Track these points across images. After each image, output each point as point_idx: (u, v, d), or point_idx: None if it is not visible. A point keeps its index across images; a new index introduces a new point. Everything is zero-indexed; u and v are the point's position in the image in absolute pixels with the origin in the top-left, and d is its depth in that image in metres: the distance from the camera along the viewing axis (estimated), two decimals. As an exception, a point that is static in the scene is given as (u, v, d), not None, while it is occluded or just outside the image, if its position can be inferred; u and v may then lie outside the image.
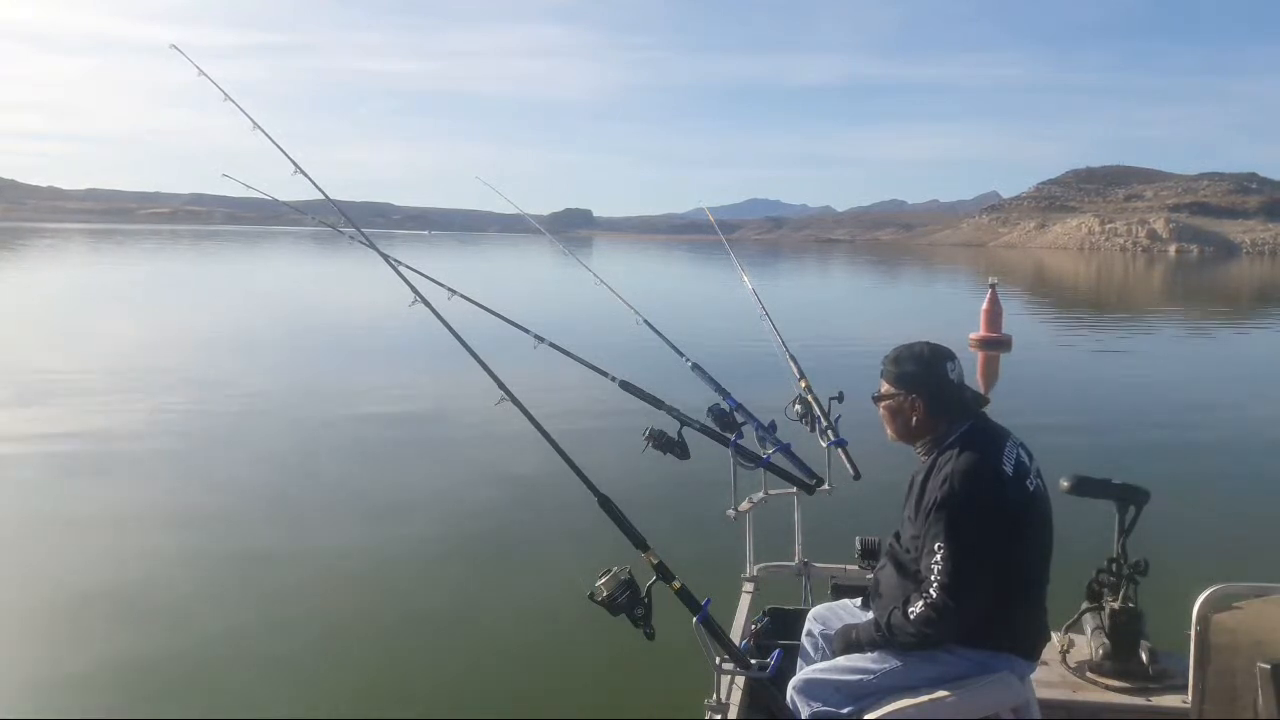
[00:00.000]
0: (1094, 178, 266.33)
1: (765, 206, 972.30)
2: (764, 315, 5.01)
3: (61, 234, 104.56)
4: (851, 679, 2.70)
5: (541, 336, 4.22)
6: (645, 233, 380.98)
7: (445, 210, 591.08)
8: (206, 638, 5.19)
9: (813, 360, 4.97)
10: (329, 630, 5.34)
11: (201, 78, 4.01)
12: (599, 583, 2.54)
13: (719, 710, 2.82)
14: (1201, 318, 30.43)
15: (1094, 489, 3.39)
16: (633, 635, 2.55)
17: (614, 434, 8.27)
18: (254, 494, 7.96)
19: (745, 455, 3.74)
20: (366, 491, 8.02)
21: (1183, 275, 69.85)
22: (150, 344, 17.48)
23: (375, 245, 3.88)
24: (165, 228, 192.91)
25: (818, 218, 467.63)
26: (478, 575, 6.24)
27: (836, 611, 3.07)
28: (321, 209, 4.48)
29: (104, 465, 8.81)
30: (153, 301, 27.87)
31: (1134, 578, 3.37)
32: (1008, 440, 2.70)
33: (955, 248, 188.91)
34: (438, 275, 4.03)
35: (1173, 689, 3.15)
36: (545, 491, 7.36)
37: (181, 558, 6.41)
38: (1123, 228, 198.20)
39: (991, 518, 2.56)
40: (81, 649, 5.04)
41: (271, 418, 11.05)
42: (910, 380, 2.78)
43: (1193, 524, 7.02)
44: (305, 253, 66.98)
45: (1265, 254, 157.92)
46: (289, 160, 3.85)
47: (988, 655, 2.62)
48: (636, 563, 2.63)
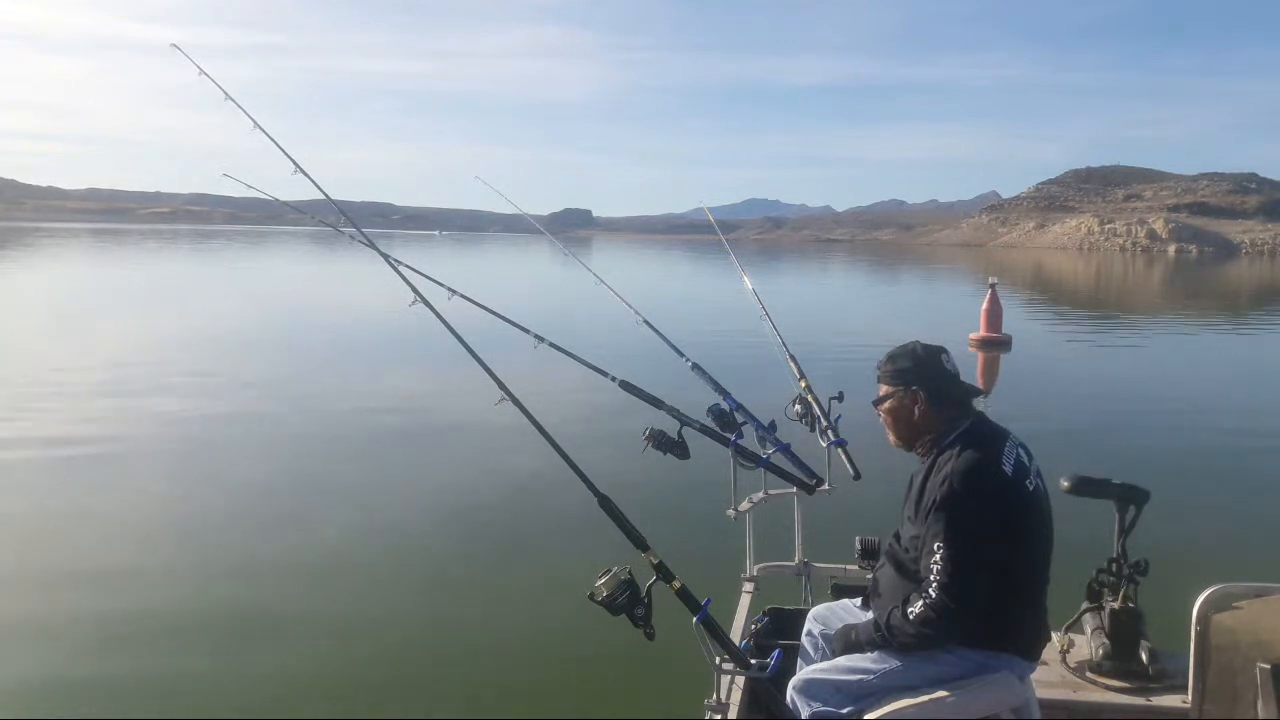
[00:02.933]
0: (1093, 178, 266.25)
1: (764, 206, 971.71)
2: (764, 315, 5.01)
3: (62, 234, 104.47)
4: (851, 679, 2.70)
5: (541, 336, 4.22)
6: (645, 233, 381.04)
7: (445, 210, 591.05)
8: (206, 636, 5.19)
9: (813, 360, 4.97)
10: (329, 630, 5.33)
11: (202, 78, 4.01)
12: (599, 583, 2.54)
13: (719, 710, 2.82)
14: (1201, 318, 30.43)
15: (1094, 489, 3.39)
16: (633, 635, 2.55)
17: (614, 434, 8.26)
18: (253, 493, 7.96)
19: (745, 455, 3.74)
20: (366, 491, 8.03)
21: (1182, 275, 69.85)
22: (149, 343, 17.45)
23: (375, 245, 3.88)
24: (166, 227, 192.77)
25: (817, 218, 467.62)
26: (477, 575, 6.24)
27: (836, 611, 3.07)
28: (322, 209, 4.48)
29: (103, 465, 8.80)
30: (153, 301, 27.87)
31: (1134, 578, 3.37)
32: (1007, 440, 2.71)
33: (955, 248, 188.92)
34: (438, 275, 4.04)
35: (1173, 689, 3.15)
36: (545, 491, 7.36)
37: (181, 554, 6.42)
38: (1122, 228, 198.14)
39: (991, 518, 2.56)
40: (82, 647, 5.04)
41: (270, 417, 11.05)
42: (908, 374, 2.80)
43: (1193, 524, 7.01)
44: (306, 253, 66.98)
45: (1264, 254, 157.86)
46: (289, 160, 3.85)
47: (987, 655, 2.62)
48: (636, 563, 2.63)
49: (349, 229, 4.21)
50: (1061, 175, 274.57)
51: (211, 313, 24.34)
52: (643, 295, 5.74)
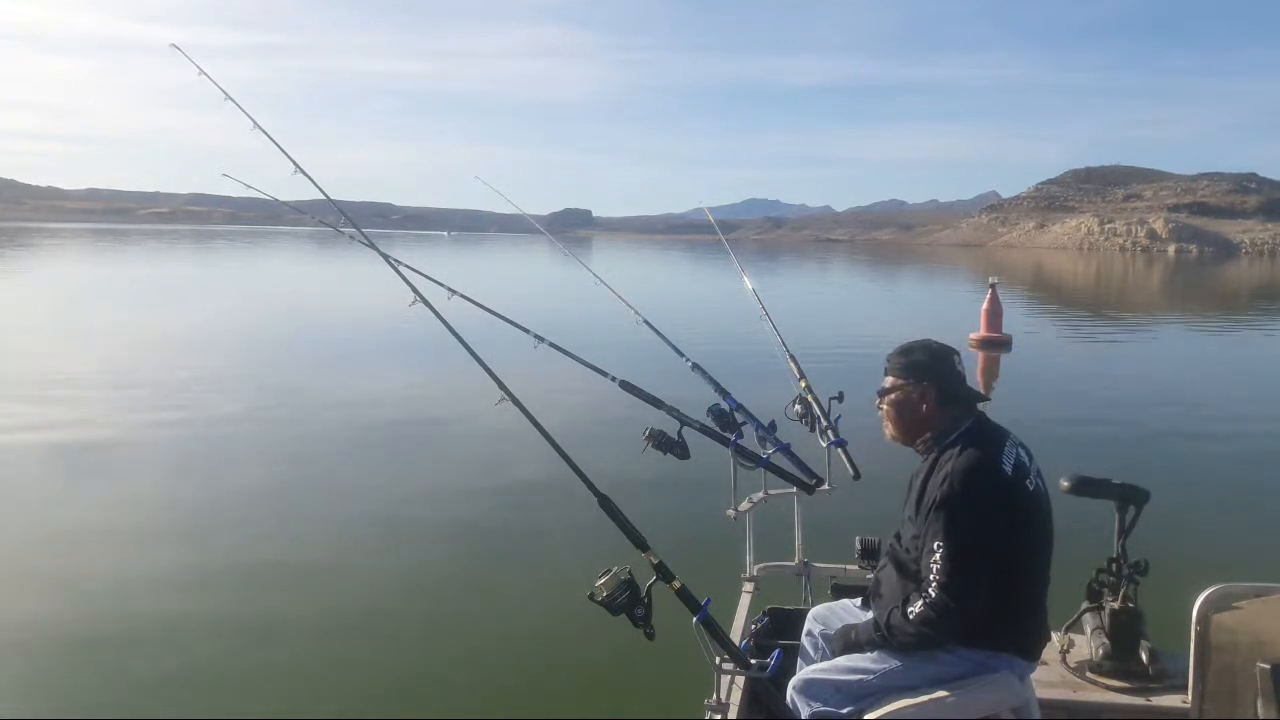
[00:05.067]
0: (1093, 178, 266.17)
1: (764, 206, 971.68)
2: (764, 315, 5.01)
3: (64, 234, 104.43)
4: (851, 679, 2.70)
5: (541, 336, 4.22)
6: (644, 232, 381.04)
7: (445, 210, 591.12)
8: (206, 635, 5.19)
9: (813, 360, 4.97)
10: (329, 630, 5.34)
11: (202, 78, 4.01)
12: (599, 583, 2.54)
13: (719, 710, 2.82)
14: (1201, 318, 30.44)
15: (1094, 489, 3.39)
16: (633, 635, 2.55)
17: (614, 434, 8.26)
18: (252, 493, 7.96)
19: (745, 455, 3.74)
20: (365, 491, 8.02)
21: (1182, 275, 69.85)
22: (149, 343, 17.45)
23: (375, 245, 3.88)
24: (166, 228, 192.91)
25: (817, 218, 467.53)
26: (477, 575, 6.24)
27: (836, 611, 3.07)
28: (322, 209, 4.48)
29: (102, 464, 8.80)
30: (153, 301, 27.83)
31: (1134, 578, 3.37)
32: (1007, 440, 2.71)
33: (955, 248, 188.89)
34: (438, 275, 4.03)
35: (1173, 689, 3.15)
36: (545, 491, 7.35)
37: (179, 554, 6.42)
38: (1122, 228, 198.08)
39: (991, 518, 2.56)
40: (82, 647, 5.04)
41: (270, 417, 11.05)
42: (922, 369, 2.79)
43: (1193, 524, 7.02)
44: (306, 253, 66.97)
45: (1264, 254, 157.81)
46: (289, 160, 3.85)
47: (987, 655, 2.62)
48: (636, 563, 2.63)
49: (349, 229, 4.21)
50: (1061, 175, 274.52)
51: (212, 312, 24.32)
52: (642, 295, 5.73)
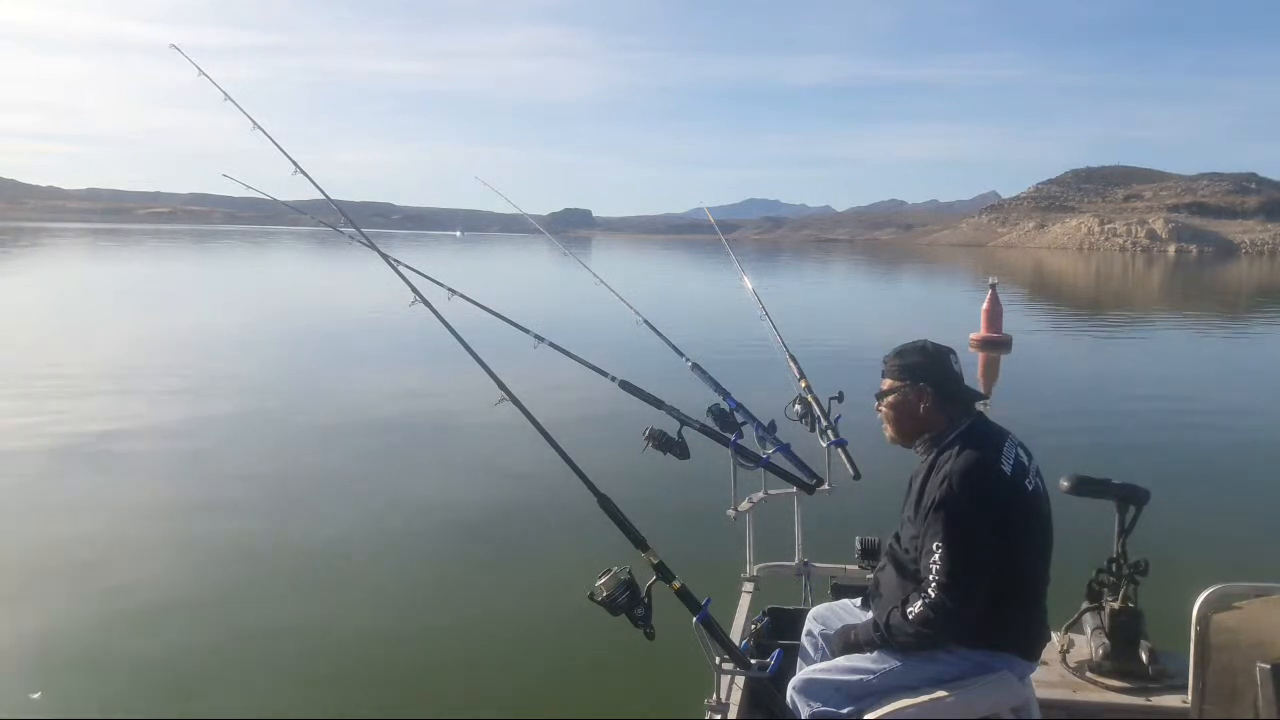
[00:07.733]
0: (1093, 178, 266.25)
1: (764, 206, 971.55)
2: (764, 315, 5.01)
3: (65, 234, 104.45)
4: (851, 679, 2.70)
5: (541, 336, 4.22)
6: (644, 232, 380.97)
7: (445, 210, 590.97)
8: (205, 634, 5.18)
9: (813, 360, 4.97)
10: (329, 630, 5.33)
11: (201, 78, 4.01)
12: (599, 583, 2.54)
13: (719, 710, 2.82)
14: (1201, 318, 30.44)
15: (1094, 489, 3.39)
16: (633, 635, 2.55)
17: (614, 434, 8.25)
18: (252, 492, 7.95)
19: (745, 455, 3.74)
20: (365, 491, 8.02)
21: (1181, 275, 69.84)
22: (149, 343, 17.45)
23: (375, 245, 3.87)
24: (166, 228, 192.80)
25: (817, 217, 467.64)
26: (477, 575, 6.23)
27: (836, 611, 3.07)
28: (322, 209, 4.48)
29: (101, 463, 8.79)
30: (154, 301, 27.84)
31: (1134, 578, 3.37)
32: (1007, 440, 2.71)
33: (955, 248, 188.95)
34: (438, 275, 4.03)
35: (1173, 689, 3.15)
36: (545, 491, 7.36)
37: (181, 553, 6.42)
38: (1122, 228, 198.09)
39: (990, 518, 2.56)
40: (82, 647, 5.04)
41: (270, 417, 11.04)
42: (918, 370, 2.79)
43: (1193, 524, 7.01)
44: (306, 252, 66.97)
45: (1264, 254, 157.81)
46: (289, 160, 3.85)
47: (987, 655, 2.62)
48: (636, 562, 2.63)
49: (349, 229, 4.21)
50: (1061, 175, 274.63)
51: (212, 312, 24.32)
52: (642, 295, 5.75)
